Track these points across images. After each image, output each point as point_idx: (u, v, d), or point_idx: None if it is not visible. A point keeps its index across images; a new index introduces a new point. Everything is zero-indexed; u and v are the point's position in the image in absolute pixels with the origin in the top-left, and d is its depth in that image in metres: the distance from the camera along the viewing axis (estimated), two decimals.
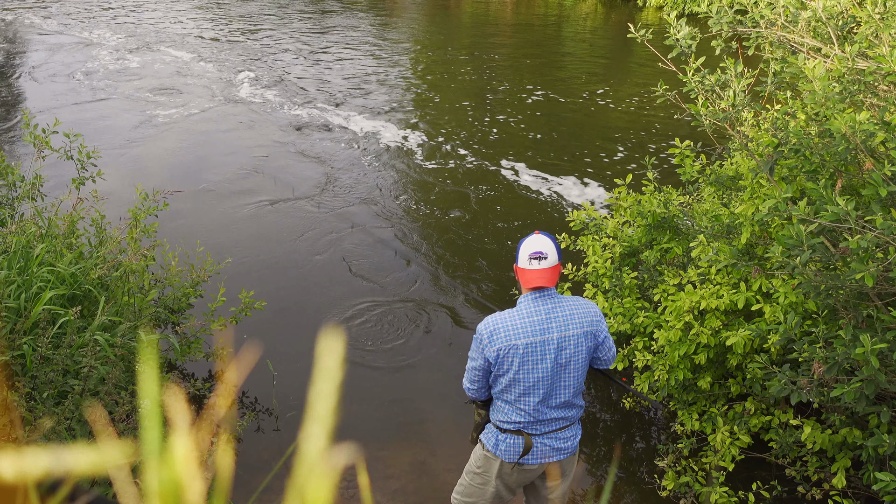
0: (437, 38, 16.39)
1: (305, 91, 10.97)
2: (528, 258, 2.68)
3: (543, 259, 2.66)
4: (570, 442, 2.81)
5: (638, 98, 11.04)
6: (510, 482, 2.84)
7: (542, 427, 2.73)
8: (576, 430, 2.83)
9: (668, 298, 3.67)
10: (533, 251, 2.68)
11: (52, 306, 3.10)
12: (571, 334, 2.66)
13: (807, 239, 2.58)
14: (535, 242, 2.71)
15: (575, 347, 2.67)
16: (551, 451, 2.77)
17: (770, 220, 3.33)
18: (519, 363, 2.64)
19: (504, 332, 2.64)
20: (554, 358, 2.65)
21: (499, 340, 2.64)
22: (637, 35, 3.49)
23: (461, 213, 7.03)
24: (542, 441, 2.75)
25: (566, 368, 2.68)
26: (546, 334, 2.64)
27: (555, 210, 7.17)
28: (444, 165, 8.24)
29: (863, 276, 2.44)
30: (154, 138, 8.84)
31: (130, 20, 15.89)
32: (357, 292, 5.59)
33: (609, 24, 18.96)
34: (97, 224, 3.92)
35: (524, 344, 2.62)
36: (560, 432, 2.77)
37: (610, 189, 7.57)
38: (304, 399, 4.45)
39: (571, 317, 2.67)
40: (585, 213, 4.33)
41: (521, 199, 7.40)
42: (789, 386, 2.88)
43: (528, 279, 2.67)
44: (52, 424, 2.64)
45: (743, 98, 3.21)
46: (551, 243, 2.72)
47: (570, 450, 2.82)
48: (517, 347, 2.62)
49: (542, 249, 2.68)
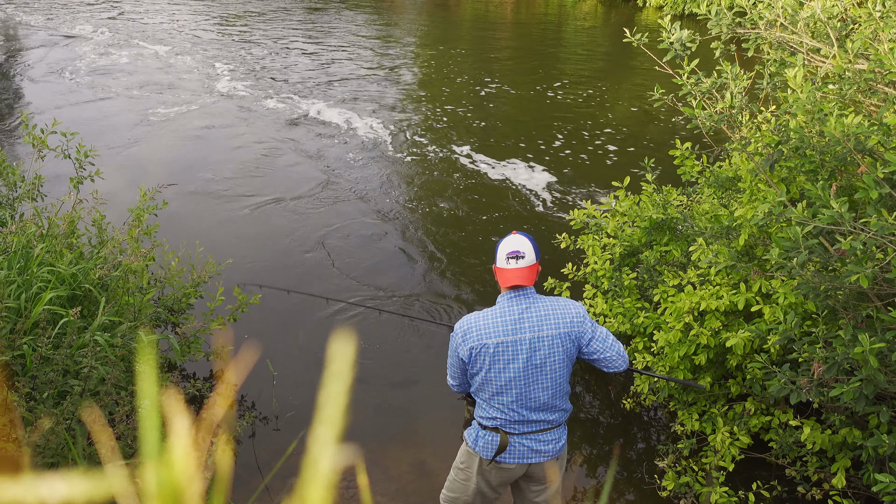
0: (435, 37, 16.40)
1: (302, 88, 10.97)
2: (506, 257, 2.71)
3: (521, 258, 2.68)
4: (552, 445, 2.78)
5: (637, 98, 11.04)
6: (491, 480, 2.83)
7: (520, 427, 2.73)
8: (558, 434, 2.80)
9: (668, 300, 3.67)
10: (510, 250, 2.71)
11: (52, 307, 3.10)
12: (546, 335, 2.64)
13: (803, 241, 2.59)
14: (512, 242, 2.73)
15: (550, 349, 2.65)
16: (530, 452, 2.76)
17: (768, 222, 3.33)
18: (490, 362, 2.66)
19: (476, 331, 2.67)
20: (526, 358, 2.64)
21: (471, 339, 2.68)
22: (633, 39, 3.50)
23: (459, 213, 7.03)
24: (519, 441, 2.74)
25: (541, 370, 2.66)
26: (518, 334, 2.64)
27: (554, 210, 7.17)
28: (442, 165, 8.25)
29: (858, 277, 2.45)
30: (151, 136, 8.84)
31: (124, 18, 15.89)
32: (358, 292, 5.59)
33: (609, 24, 18.96)
34: (98, 224, 3.92)
35: (494, 343, 2.64)
36: (540, 434, 2.75)
37: (606, 188, 7.57)
38: (303, 399, 4.47)
39: (546, 317, 2.66)
40: (586, 213, 4.33)
41: (520, 198, 7.40)
42: (789, 386, 2.88)
43: (506, 278, 2.70)
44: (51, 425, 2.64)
45: (741, 100, 3.22)
46: (529, 243, 2.74)
47: (551, 453, 2.79)
48: (487, 347, 2.64)
49: (520, 249, 2.70)
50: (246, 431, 3.98)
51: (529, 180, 7.84)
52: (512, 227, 6.77)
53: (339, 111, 10.07)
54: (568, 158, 8.55)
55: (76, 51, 12.91)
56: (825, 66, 3.35)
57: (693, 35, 3.38)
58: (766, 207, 2.82)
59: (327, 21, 16.90)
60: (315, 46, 14.08)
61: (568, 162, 8.44)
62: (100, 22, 15.58)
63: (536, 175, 7.99)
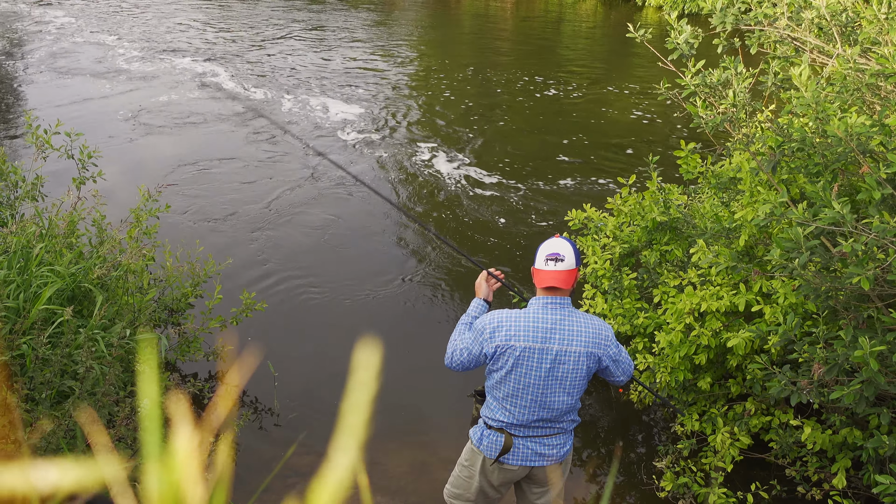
0: (434, 37, 16.40)
1: (302, 85, 10.96)
2: (545, 259, 2.69)
3: (560, 261, 2.67)
4: (557, 450, 2.78)
5: (637, 97, 11.04)
6: (493, 480, 2.83)
7: (525, 430, 2.72)
8: (564, 440, 2.80)
9: (668, 300, 3.66)
10: (550, 252, 2.70)
11: (52, 306, 3.10)
12: (573, 350, 2.63)
13: (805, 241, 2.58)
14: (553, 245, 2.73)
15: (574, 364, 2.64)
16: (534, 455, 2.75)
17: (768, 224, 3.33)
18: (513, 364, 2.64)
19: (506, 330, 2.65)
20: (549, 369, 2.63)
21: (499, 338, 2.65)
22: (636, 35, 3.49)
23: (464, 215, 7.03)
24: (523, 443, 2.74)
25: (561, 384, 2.65)
26: (546, 343, 2.63)
27: (554, 209, 7.17)
28: (443, 165, 8.24)
29: (860, 279, 2.44)
30: (154, 136, 8.83)
31: (130, 17, 15.90)
32: (357, 291, 5.59)
33: (609, 23, 18.96)
34: (98, 224, 3.92)
35: (522, 347, 2.62)
36: (546, 438, 2.75)
37: (606, 187, 7.57)
38: (305, 400, 4.45)
39: (578, 333, 2.64)
40: (585, 215, 4.33)
41: (518, 197, 7.40)
42: (790, 387, 2.88)
43: (543, 279, 2.67)
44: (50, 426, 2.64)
45: (743, 97, 3.21)
46: (570, 247, 2.72)
47: (555, 457, 2.78)
48: (514, 349, 2.62)
49: (560, 252, 2.69)
50: (247, 432, 3.98)
51: (529, 180, 7.84)
52: (512, 227, 6.77)
53: (340, 109, 10.06)
54: (568, 157, 8.55)
55: (76, 51, 12.91)
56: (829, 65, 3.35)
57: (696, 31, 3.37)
58: (767, 208, 2.82)
59: (327, 20, 16.90)
60: (316, 44, 14.08)
61: (568, 161, 8.43)
62: (100, 22, 15.58)
63: (536, 175, 7.99)
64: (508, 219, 6.95)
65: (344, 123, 9.60)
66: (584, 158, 8.59)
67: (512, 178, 7.88)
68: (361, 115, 9.97)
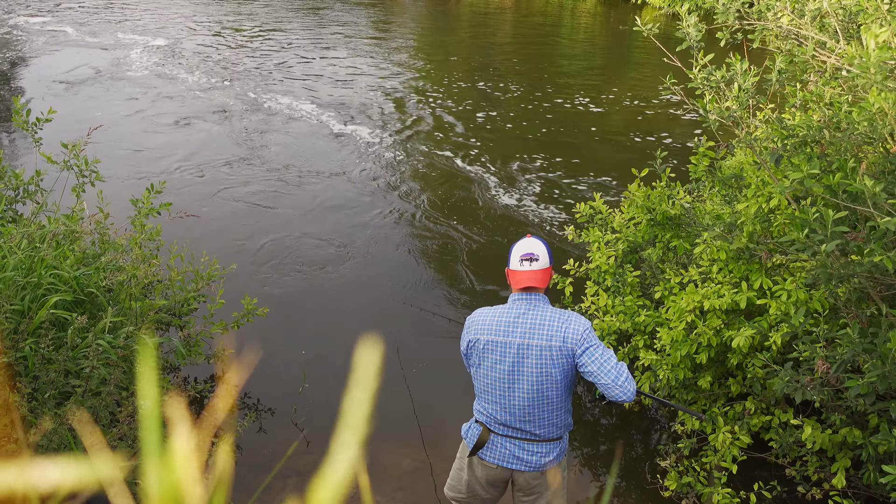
0: (434, 37, 16.41)
1: (302, 88, 10.97)
2: (520, 260, 2.71)
3: (534, 261, 2.69)
4: (536, 458, 2.72)
5: (637, 97, 11.04)
6: (477, 474, 2.83)
7: (504, 429, 2.72)
8: (546, 449, 2.73)
9: (670, 298, 3.66)
10: (524, 253, 2.71)
11: (57, 311, 3.11)
12: (534, 344, 2.58)
13: (832, 225, 2.44)
14: (525, 245, 2.74)
15: (538, 359, 2.58)
16: (511, 456, 2.73)
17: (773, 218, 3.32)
18: (479, 358, 2.69)
19: (476, 324, 2.71)
20: (512, 363, 2.61)
21: (470, 332, 2.72)
22: (643, 30, 3.49)
23: (467, 216, 7.03)
24: (501, 442, 2.72)
25: (528, 380, 2.60)
26: (508, 336, 2.63)
27: (553, 209, 7.17)
28: (445, 165, 8.25)
29: (882, 258, 2.39)
30: (156, 138, 8.84)
31: (130, 20, 15.91)
32: (358, 291, 5.60)
33: (609, 22, 18.96)
34: (100, 225, 3.92)
35: (485, 340, 2.66)
36: (524, 443, 2.71)
37: (605, 186, 7.57)
38: (305, 400, 4.46)
39: (540, 327, 2.60)
40: (592, 206, 4.33)
41: (517, 197, 7.40)
42: (793, 384, 2.87)
43: (518, 280, 2.70)
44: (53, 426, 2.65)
45: (748, 93, 3.20)
46: (543, 246, 2.74)
47: (535, 465, 2.73)
48: (479, 342, 2.67)
49: (533, 251, 2.71)
50: (247, 432, 3.99)
51: (528, 178, 7.84)
52: (511, 226, 6.77)
53: (341, 110, 10.07)
54: (567, 157, 8.55)
55: (77, 51, 12.92)
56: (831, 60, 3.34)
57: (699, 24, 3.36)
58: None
59: (327, 20, 16.90)
60: (316, 46, 14.08)
61: (568, 160, 8.43)
62: (100, 23, 15.60)
63: (535, 174, 7.99)
64: (507, 216, 6.96)
65: (344, 123, 9.61)
66: (585, 157, 8.59)
67: (512, 177, 7.88)
68: (362, 115, 9.97)
